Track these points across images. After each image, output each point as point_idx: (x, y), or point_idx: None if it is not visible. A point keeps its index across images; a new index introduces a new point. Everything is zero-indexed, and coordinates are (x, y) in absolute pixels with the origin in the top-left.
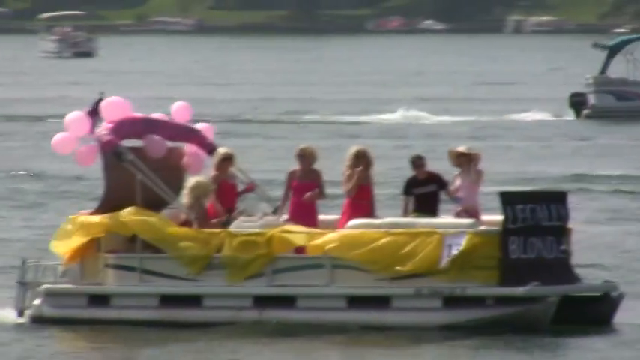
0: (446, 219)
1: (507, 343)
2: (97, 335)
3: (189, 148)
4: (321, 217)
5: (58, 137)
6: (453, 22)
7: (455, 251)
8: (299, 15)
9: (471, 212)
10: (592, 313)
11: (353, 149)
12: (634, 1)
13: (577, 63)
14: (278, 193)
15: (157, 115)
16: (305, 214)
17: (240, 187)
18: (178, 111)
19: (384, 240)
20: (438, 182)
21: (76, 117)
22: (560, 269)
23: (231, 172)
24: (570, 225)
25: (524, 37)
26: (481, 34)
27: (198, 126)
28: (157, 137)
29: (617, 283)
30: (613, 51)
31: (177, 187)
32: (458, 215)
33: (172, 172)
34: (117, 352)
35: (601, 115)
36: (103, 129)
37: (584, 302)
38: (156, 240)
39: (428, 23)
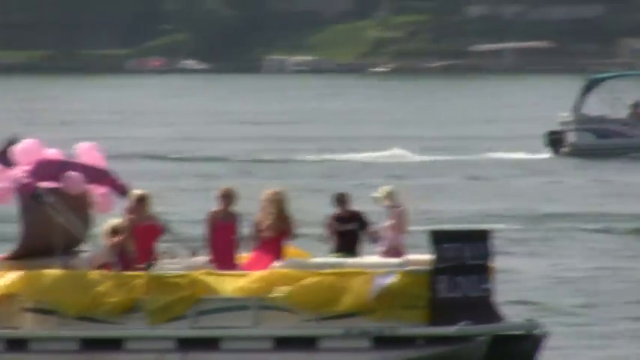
0: (374, 258)
1: None
2: None
3: (99, 189)
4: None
5: None
6: (214, 62)
7: (384, 291)
8: (59, 55)
9: (394, 252)
10: (516, 352)
11: (270, 191)
12: (392, 41)
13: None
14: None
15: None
16: (225, 256)
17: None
18: (85, 152)
19: (312, 280)
20: (360, 221)
21: None
22: (485, 308)
23: (148, 213)
24: (493, 263)
25: (286, 77)
26: (242, 73)
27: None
28: (74, 173)
29: (540, 322)
30: (588, 88)
31: (87, 229)
32: (383, 254)
33: (83, 213)
34: None
35: (581, 153)
36: (21, 171)
37: (508, 341)
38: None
39: (187, 63)
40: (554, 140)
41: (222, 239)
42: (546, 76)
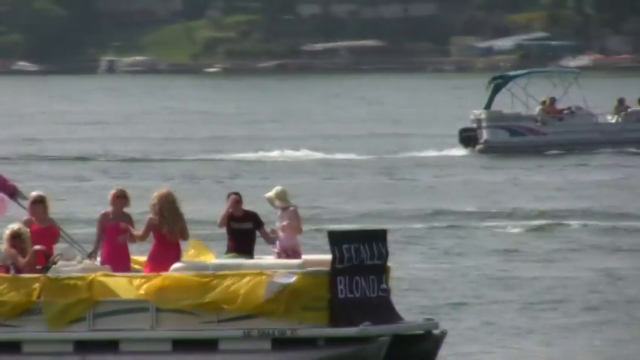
0: (271, 259)
1: None
2: None
3: None
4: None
5: None
6: (47, 63)
7: (283, 292)
8: None
9: (290, 253)
10: (415, 351)
11: (162, 192)
12: (224, 41)
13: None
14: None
15: None
16: (118, 257)
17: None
18: None
19: (211, 283)
20: (255, 220)
21: None
22: (383, 308)
23: (44, 215)
24: (389, 263)
25: (118, 77)
26: (75, 74)
27: None
28: None
29: (438, 321)
30: (498, 87)
31: None
32: (278, 256)
33: None
34: None
35: (495, 150)
36: None
37: (408, 341)
38: None
39: (22, 64)
40: (468, 137)
41: (115, 241)
42: (382, 74)
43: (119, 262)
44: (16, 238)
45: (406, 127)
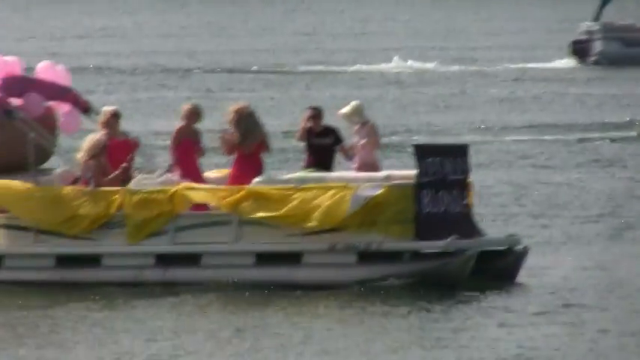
0: (357, 173)
1: (424, 298)
2: None
3: (63, 107)
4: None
5: None
6: None
7: (368, 205)
8: None
9: (369, 168)
10: (497, 267)
11: (239, 106)
12: None
13: None
14: None
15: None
16: (194, 172)
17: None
18: (46, 70)
19: (294, 195)
20: (334, 136)
21: None
22: (466, 223)
23: (119, 129)
24: (470, 178)
25: None
26: None
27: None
28: (35, 95)
29: (521, 237)
30: None
31: (54, 146)
32: (357, 170)
33: (48, 130)
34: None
35: (609, 61)
36: None
37: (489, 257)
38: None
39: None
40: (580, 49)
41: (190, 156)
42: None
43: (195, 176)
44: (101, 148)
45: (509, 39)
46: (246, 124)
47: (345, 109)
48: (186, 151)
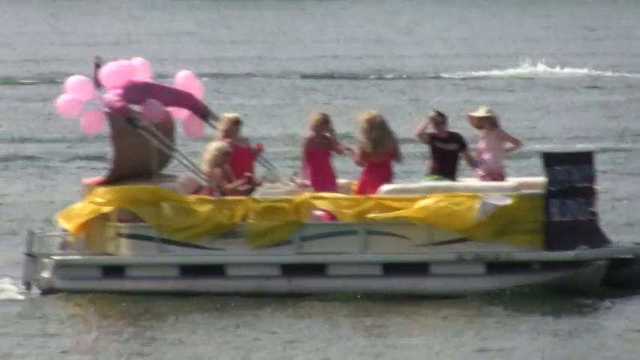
0: (476, 182)
1: (555, 308)
2: (113, 306)
3: (183, 113)
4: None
5: (62, 99)
6: None
7: (498, 215)
8: None
9: (495, 175)
10: (623, 276)
11: (370, 114)
12: None
13: None
14: None
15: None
16: (326, 181)
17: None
18: (183, 80)
19: (422, 203)
20: (459, 142)
21: (79, 80)
22: (593, 231)
23: (241, 135)
24: (596, 186)
25: None
26: None
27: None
28: (155, 101)
29: None
30: None
31: (173, 152)
32: (482, 178)
33: (168, 136)
34: (139, 324)
35: None
36: (112, 94)
37: (615, 265)
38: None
39: None
40: None
41: (319, 165)
42: None
43: (327, 185)
44: (226, 155)
45: None
46: (378, 133)
47: (477, 112)
48: (318, 160)
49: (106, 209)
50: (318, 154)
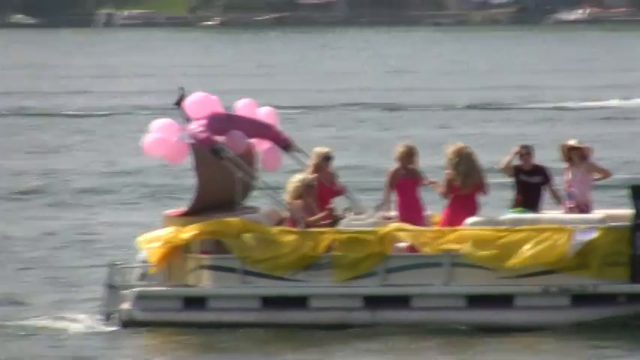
0: (571, 214)
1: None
2: (194, 339)
3: (264, 144)
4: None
5: (149, 139)
6: (43, 17)
7: (585, 247)
8: None
9: (583, 207)
10: None
11: (457, 146)
12: None
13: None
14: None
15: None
16: (414, 212)
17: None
18: (244, 108)
19: (508, 237)
20: (543, 175)
21: (167, 122)
22: None
23: (330, 172)
24: None
25: (116, 31)
26: (72, 27)
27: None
28: (239, 132)
29: None
30: None
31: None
32: (570, 210)
33: (250, 167)
34: (220, 357)
35: None
36: (196, 125)
37: None
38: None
39: (18, 18)
40: None
41: (406, 197)
42: (377, 27)
43: (414, 216)
44: (308, 188)
45: None
46: (466, 165)
47: (571, 141)
48: (406, 191)
49: (190, 240)
50: (406, 185)
